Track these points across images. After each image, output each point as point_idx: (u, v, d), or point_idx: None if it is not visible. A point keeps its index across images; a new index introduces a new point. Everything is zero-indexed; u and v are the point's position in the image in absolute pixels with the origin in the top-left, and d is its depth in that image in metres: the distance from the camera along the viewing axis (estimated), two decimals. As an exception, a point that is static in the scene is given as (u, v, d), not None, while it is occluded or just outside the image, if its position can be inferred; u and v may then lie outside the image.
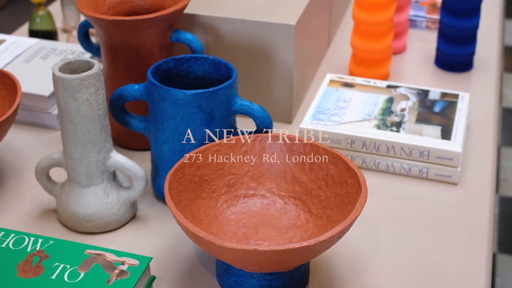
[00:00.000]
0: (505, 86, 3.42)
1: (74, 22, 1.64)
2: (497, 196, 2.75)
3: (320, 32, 1.51)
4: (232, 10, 1.31)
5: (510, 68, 3.57)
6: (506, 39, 3.80)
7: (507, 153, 2.97)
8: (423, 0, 1.81)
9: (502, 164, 2.91)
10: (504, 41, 3.78)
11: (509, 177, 2.85)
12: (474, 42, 1.53)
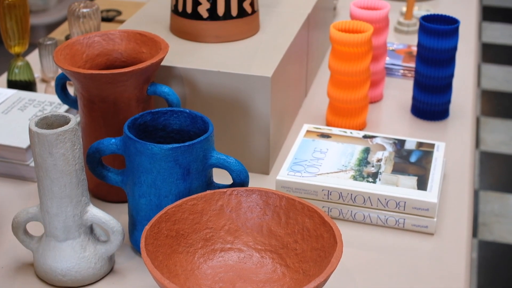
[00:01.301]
0: (482, 130, 3.45)
1: (52, 73, 1.65)
2: (475, 241, 2.76)
3: (297, 82, 1.52)
4: (208, 62, 1.33)
5: (487, 111, 3.61)
6: (482, 83, 3.84)
7: (485, 197, 2.99)
8: (399, 49, 1.84)
9: (480, 208, 2.93)
10: (481, 85, 3.82)
11: (488, 221, 2.86)
12: (449, 91, 1.55)
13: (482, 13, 4.67)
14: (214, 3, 1.38)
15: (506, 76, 3.93)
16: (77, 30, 1.50)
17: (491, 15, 4.66)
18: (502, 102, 3.70)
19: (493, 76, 3.92)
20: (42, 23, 4.06)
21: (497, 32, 4.44)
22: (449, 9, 2.22)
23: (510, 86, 3.83)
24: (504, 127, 3.49)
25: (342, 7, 2.13)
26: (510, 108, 3.65)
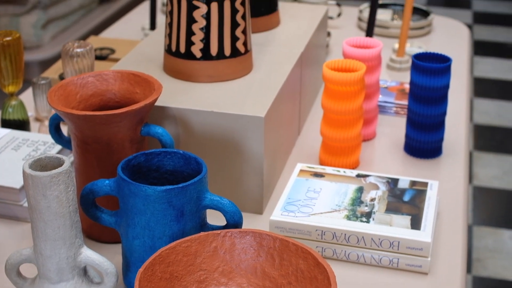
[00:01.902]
0: (475, 165, 3.46)
1: (46, 112, 1.65)
2: (469, 276, 2.76)
3: (290, 120, 1.53)
4: (202, 102, 1.33)
5: (480, 146, 3.62)
6: (475, 118, 3.86)
7: (479, 232, 2.99)
8: (391, 86, 1.84)
9: (474, 243, 2.92)
10: (473, 120, 3.84)
11: (482, 256, 2.86)
12: (442, 128, 1.56)
13: (474, 48, 4.70)
14: (207, 43, 1.39)
15: (498, 110, 3.95)
16: (70, 69, 1.50)
17: (483, 50, 4.69)
18: (495, 137, 3.71)
19: (485, 111, 3.94)
20: (35, 59, 4.07)
21: (489, 66, 4.47)
22: (441, 45, 2.23)
23: (502, 121, 3.85)
24: (497, 161, 3.50)
25: (334, 44, 2.15)
26: (502, 142, 3.67)
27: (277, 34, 1.65)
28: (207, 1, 1.36)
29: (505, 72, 4.39)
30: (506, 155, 3.55)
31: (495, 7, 5.44)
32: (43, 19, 4.11)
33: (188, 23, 1.38)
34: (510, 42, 4.80)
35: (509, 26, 5.07)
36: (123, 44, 2.03)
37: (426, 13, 2.39)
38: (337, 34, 2.23)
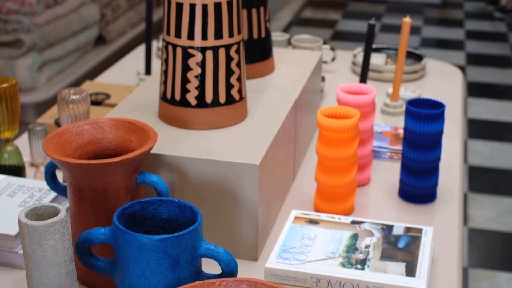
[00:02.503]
0: (470, 207, 3.46)
1: (41, 158, 1.66)
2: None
3: (284, 166, 1.53)
4: (197, 150, 1.34)
5: (474, 188, 3.63)
6: (469, 159, 3.87)
7: (475, 275, 2.99)
8: (386, 131, 1.86)
9: (470, 286, 2.92)
10: (467, 161, 3.85)
11: (478, 300, 2.85)
12: (436, 174, 1.56)
13: (467, 89, 4.73)
14: (202, 91, 1.40)
15: (492, 151, 3.96)
16: (66, 115, 1.51)
17: (476, 91, 4.72)
18: (489, 178, 3.72)
19: (479, 152, 3.95)
20: (31, 101, 4.08)
21: (482, 107, 4.50)
22: (435, 88, 2.25)
23: (496, 162, 3.86)
24: (492, 203, 3.51)
25: (329, 88, 2.16)
26: (497, 183, 3.68)
27: (271, 80, 1.67)
28: (202, 49, 1.38)
29: (498, 113, 4.41)
30: (500, 197, 3.56)
31: (488, 48, 5.48)
32: (39, 61, 4.13)
33: (183, 70, 1.40)
34: (503, 83, 4.83)
35: (501, 67, 5.11)
36: (118, 89, 2.04)
37: (419, 57, 2.41)
38: (331, 79, 2.25)
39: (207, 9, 1.36)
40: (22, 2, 4.02)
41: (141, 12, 5.25)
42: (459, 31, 5.84)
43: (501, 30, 5.89)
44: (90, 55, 4.69)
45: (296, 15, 6.13)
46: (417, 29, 5.79)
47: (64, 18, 4.34)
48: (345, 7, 6.44)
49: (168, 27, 1.41)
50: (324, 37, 5.61)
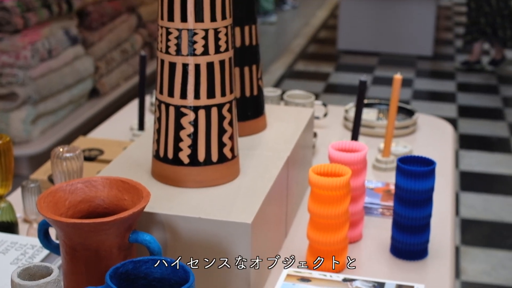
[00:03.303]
0: (463, 260, 3.46)
1: (34, 215, 1.66)
2: None
3: (276, 223, 1.54)
4: (189, 208, 1.35)
5: (467, 241, 3.63)
6: (462, 212, 3.88)
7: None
8: (377, 187, 1.87)
9: None
10: (460, 214, 3.86)
11: None
12: (428, 230, 1.57)
13: (459, 141, 4.76)
14: (194, 149, 1.41)
15: (484, 204, 3.98)
16: (59, 172, 1.52)
17: (468, 143, 4.75)
18: (482, 231, 3.73)
19: (472, 205, 3.96)
20: (24, 154, 4.09)
21: (474, 160, 4.52)
22: (426, 144, 2.27)
23: (489, 215, 3.87)
24: (485, 256, 3.51)
25: (321, 144, 2.18)
26: (490, 236, 3.68)
27: (263, 138, 1.68)
28: (195, 108, 1.40)
29: (490, 165, 4.44)
30: (493, 250, 3.56)
31: (479, 100, 5.53)
32: (33, 114, 4.15)
33: (176, 129, 1.41)
34: (494, 136, 4.86)
35: (493, 119, 5.15)
36: (111, 145, 2.06)
37: (411, 112, 2.43)
38: (323, 134, 2.26)
39: (199, 68, 1.38)
40: (17, 56, 4.05)
41: (135, 65, 5.29)
42: (450, 84, 5.89)
43: (492, 82, 5.94)
44: (84, 108, 4.72)
45: (288, 68, 6.18)
46: (409, 82, 5.84)
47: (59, 72, 4.37)
48: (337, 60, 6.50)
49: (161, 86, 1.42)
50: (316, 90, 5.65)
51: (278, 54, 6.57)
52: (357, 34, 6.62)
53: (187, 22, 1.37)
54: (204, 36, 1.38)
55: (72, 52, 4.51)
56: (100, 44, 4.89)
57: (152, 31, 5.59)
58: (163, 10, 1.40)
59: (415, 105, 5.36)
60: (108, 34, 5.00)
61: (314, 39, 7.23)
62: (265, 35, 7.33)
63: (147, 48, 5.54)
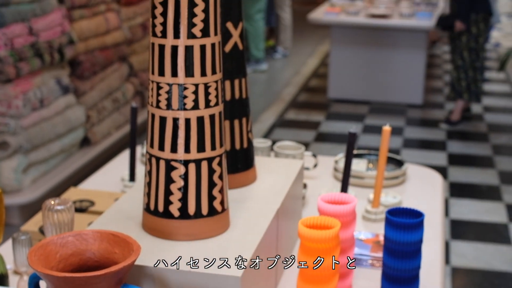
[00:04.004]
0: (454, 309, 3.46)
1: (25, 267, 1.66)
2: None
3: (267, 276, 1.54)
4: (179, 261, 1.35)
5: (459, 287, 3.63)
6: (452, 260, 3.88)
7: None
8: (367, 238, 1.88)
9: None
10: (451, 263, 3.86)
11: None
12: (417, 281, 1.58)
13: (450, 190, 4.78)
14: (185, 203, 1.42)
15: (475, 252, 3.98)
16: (50, 224, 1.53)
17: (458, 191, 4.76)
18: (473, 280, 3.73)
19: (463, 253, 3.97)
20: (15, 203, 4.09)
21: (465, 208, 4.53)
22: (416, 194, 2.28)
23: (480, 263, 3.87)
24: (476, 305, 3.51)
25: (311, 195, 2.19)
26: (481, 285, 3.68)
27: (253, 190, 1.70)
28: (185, 162, 1.41)
29: (480, 213, 4.45)
30: (484, 299, 3.56)
31: (469, 148, 5.56)
32: (24, 163, 4.16)
33: (166, 183, 1.42)
34: (485, 184, 4.88)
35: (483, 167, 5.17)
36: (102, 196, 2.07)
37: (400, 163, 2.45)
38: (313, 185, 2.28)
39: (190, 123, 1.40)
40: (9, 105, 4.06)
41: (126, 114, 5.31)
42: (440, 132, 5.93)
43: (482, 130, 5.98)
44: (75, 157, 4.72)
45: (279, 117, 6.22)
46: (400, 130, 5.87)
47: (50, 121, 4.39)
48: (328, 108, 6.54)
49: (151, 139, 1.44)
50: (307, 139, 5.67)
51: (269, 102, 6.61)
52: (348, 83, 6.67)
53: (177, 77, 1.39)
54: (194, 90, 1.40)
55: (64, 101, 4.53)
56: (92, 93, 4.91)
57: (143, 80, 5.63)
58: (154, 65, 1.42)
59: (405, 153, 5.39)
60: (100, 83, 5.02)
61: (305, 88, 7.27)
62: (256, 84, 7.38)
63: (138, 97, 5.57)
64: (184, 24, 1.39)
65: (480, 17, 5.72)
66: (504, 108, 6.68)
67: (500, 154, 5.46)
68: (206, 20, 1.40)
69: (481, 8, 5.70)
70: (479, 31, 5.75)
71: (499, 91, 7.34)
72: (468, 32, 5.76)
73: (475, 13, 5.70)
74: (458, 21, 5.70)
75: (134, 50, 5.62)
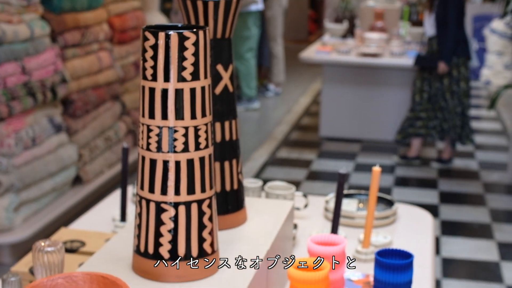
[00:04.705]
0: None
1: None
2: None
3: (257, 317, 1.55)
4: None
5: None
6: (445, 299, 3.88)
7: None
8: (357, 279, 1.88)
9: None
10: (443, 302, 3.86)
11: None
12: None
13: (441, 228, 4.78)
14: (175, 245, 1.43)
15: (467, 291, 3.98)
16: (40, 265, 1.54)
17: (450, 229, 4.77)
18: (465, 319, 3.73)
19: (455, 292, 3.97)
20: (6, 242, 4.08)
21: (456, 246, 4.53)
22: (407, 233, 2.29)
23: (472, 302, 3.87)
24: None
25: (301, 235, 2.19)
26: (472, 324, 3.67)
27: (243, 231, 1.70)
28: (175, 205, 1.42)
29: (472, 252, 4.45)
30: (476, 338, 3.56)
31: (460, 186, 5.57)
32: (15, 202, 4.15)
33: (156, 225, 1.43)
34: (476, 222, 4.89)
35: (474, 205, 5.18)
36: (93, 236, 2.07)
37: (390, 202, 2.46)
38: (304, 225, 2.28)
39: (180, 165, 1.41)
40: (1, 144, 4.07)
41: (118, 153, 5.32)
42: (431, 170, 5.94)
43: (473, 168, 6.00)
44: (67, 196, 4.72)
45: (271, 155, 6.23)
46: (391, 168, 5.89)
47: (42, 159, 4.39)
48: (320, 146, 6.56)
49: (142, 182, 1.45)
50: (299, 177, 5.68)
51: (261, 140, 6.63)
52: (339, 121, 6.69)
53: (167, 119, 1.41)
54: (184, 133, 1.41)
55: (56, 140, 4.54)
56: (84, 131, 4.92)
57: (136, 119, 5.65)
58: (144, 108, 1.43)
59: (396, 191, 5.40)
60: (92, 121, 5.04)
61: (297, 126, 7.30)
62: (248, 122, 7.41)
63: (130, 136, 5.58)
64: (174, 68, 1.40)
65: (461, 60, 5.69)
66: (494, 146, 6.71)
67: (491, 192, 5.47)
68: (196, 64, 1.42)
69: (462, 52, 5.68)
70: (459, 74, 5.73)
71: (490, 129, 7.38)
72: (450, 75, 5.73)
73: (457, 56, 5.69)
74: (442, 63, 5.67)
75: (127, 88, 5.65)
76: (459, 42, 5.65)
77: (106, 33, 5.24)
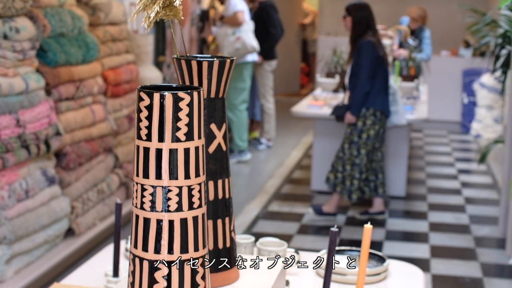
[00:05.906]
0: None
1: None
2: None
3: None
4: None
5: None
6: None
7: None
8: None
9: None
10: None
11: None
12: None
13: (432, 282, 4.79)
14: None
15: None
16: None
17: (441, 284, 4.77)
18: None
19: None
20: (-3, 295, 4.07)
21: (448, 301, 4.54)
22: None
23: None
24: None
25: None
26: None
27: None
28: (168, 263, 1.44)
29: (464, 307, 4.46)
30: None
31: (451, 240, 5.58)
32: (7, 254, 4.15)
33: (149, 283, 1.45)
34: (467, 276, 4.90)
35: (465, 260, 5.19)
36: (86, 293, 2.07)
37: (382, 259, 2.48)
38: (296, 281, 2.29)
39: (173, 224, 1.43)
40: (-7, 196, 4.08)
41: (111, 206, 5.33)
42: (423, 223, 5.96)
43: (464, 222, 6.02)
44: (59, 248, 4.72)
45: (263, 209, 6.25)
46: (382, 222, 5.90)
47: (35, 212, 4.40)
48: (311, 200, 6.58)
49: (135, 240, 1.47)
50: (290, 231, 5.69)
51: (253, 194, 6.65)
52: (331, 174, 6.73)
53: (161, 179, 1.43)
54: (178, 193, 1.44)
55: (49, 192, 4.55)
56: (77, 184, 4.94)
57: (128, 172, 5.67)
58: (139, 167, 1.46)
59: (388, 245, 5.41)
60: (85, 174, 5.06)
61: (289, 180, 7.32)
62: (240, 175, 7.44)
63: (123, 188, 5.60)
64: (169, 128, 1.43)
65: (369, 113, 5.66)
66: (485, 199, 6.74)
67: (482, 246, 5.49)
68: (190, 124, 1.45)
69: (372, 104, 5.65)
70: (364, 126, 5.70)
71: (481, 182, 7.42)
72: (354, 125, 5.73)
73: (366, 108, 5.68)
74: (348, 113, 5.66)
75: (120, 141, 5.68)
76: (368, 94, 5.63)
77: (100, 86, 5.29)
